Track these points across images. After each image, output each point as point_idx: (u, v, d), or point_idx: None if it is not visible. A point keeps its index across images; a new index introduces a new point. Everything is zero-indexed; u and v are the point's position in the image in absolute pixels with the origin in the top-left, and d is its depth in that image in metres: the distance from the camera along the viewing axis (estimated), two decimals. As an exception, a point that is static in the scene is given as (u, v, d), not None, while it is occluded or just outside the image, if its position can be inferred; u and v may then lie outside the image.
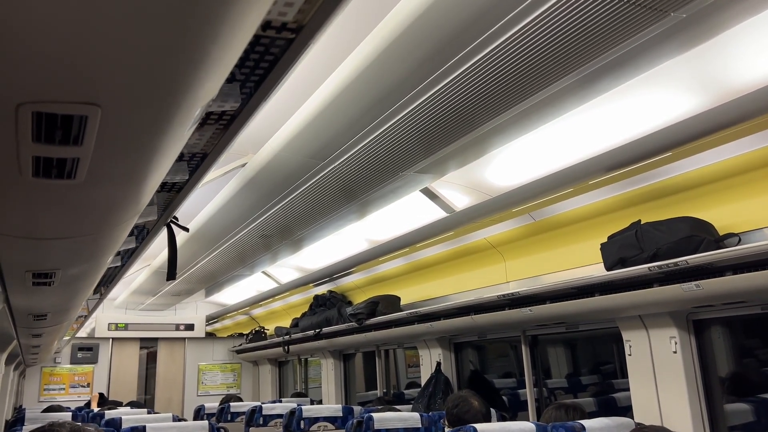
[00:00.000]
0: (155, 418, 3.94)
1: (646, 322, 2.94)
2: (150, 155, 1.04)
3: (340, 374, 6.50)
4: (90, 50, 0.69)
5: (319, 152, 2.58)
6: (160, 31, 0.67)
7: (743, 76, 2.01)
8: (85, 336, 8.29)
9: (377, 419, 3.36)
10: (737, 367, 3.01)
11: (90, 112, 0.83)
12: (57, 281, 2.14)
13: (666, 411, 2.84)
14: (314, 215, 3.48)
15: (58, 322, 3.81)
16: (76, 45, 0.67)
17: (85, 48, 0.68)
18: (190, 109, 0.90)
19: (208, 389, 8.65)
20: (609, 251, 2.83)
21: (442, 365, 4.58)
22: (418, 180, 2.93)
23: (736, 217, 2.58)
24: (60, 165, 1.01)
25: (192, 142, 1.40)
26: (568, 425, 2.50)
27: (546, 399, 3.94)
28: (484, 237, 3.90)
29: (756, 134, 2.33)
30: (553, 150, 2.68)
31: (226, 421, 5.29)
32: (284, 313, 7.45)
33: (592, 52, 1.76)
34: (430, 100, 2.03)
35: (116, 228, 1.57)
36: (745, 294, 2.42)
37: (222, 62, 0.80)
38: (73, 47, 0.68)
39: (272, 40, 1.01)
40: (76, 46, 0.67)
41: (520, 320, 3.45)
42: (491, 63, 1.79)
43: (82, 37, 0.66)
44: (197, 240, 4.15)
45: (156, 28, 0.68)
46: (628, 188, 2.93)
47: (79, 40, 0.66)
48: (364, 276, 5.42)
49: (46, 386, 8.03)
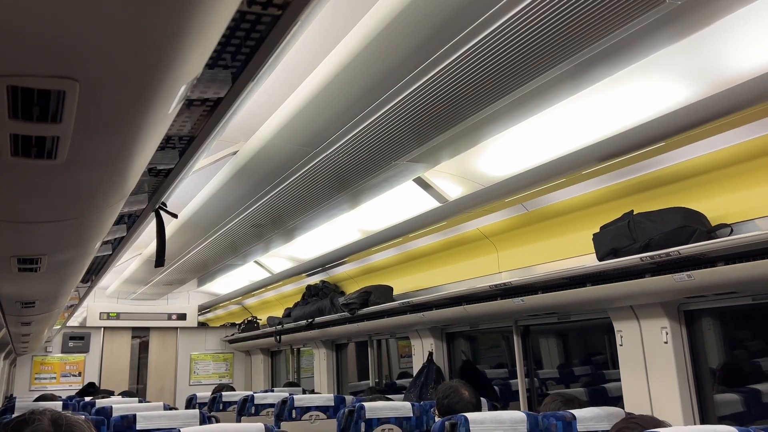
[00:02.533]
0: (146, 407, 3.92)
1: (638, 313, 2.94)
2: (133, 135, 1.02)
3: (333, 364, 6.51)
4: (66, 20, 0.66)
5: (311, 140, 2.56)
6: (138, 0, 0.65)
7: (737, 65, 1.99)
8: (77, 325, 8.27)
9: (369, 408, 3.36)
10: (727, 357, 3.02)
11: (67, 86, 0.80)
12: (44, 267, 2.12)
13: (656, 401, 2.85)
14: (306, 204, 3.46)
15: (48, 310, 3.78)
16: (51, 15, 0.65)
17: (60, 17, 0.66)
18: (173, 87, 0.88)
19: (200, 379, 8.64)
20: (601, 241, 2.83)
21: (434, 355, 4.59)
22: (411, 169, 2.92)
23: (728, 208, 2.58)
24: (39, 144, 0.99)
25: (178, 124, 1.38)
26: (558, 414, 2.50)
27: (537, 389, 3.95)
28: (476, 227, 3.89)
29: (749, 125, 2.32)
30: (546, 140, 2.67)
31: (218, 411, 5.28)
32: (277, 303, 7.44)
33: (586, 40, 1.75)
34: (423, 87, 2.01)
35: (103, 212, 1.54)
36: (736, 285, 2.43)
37: (205, 36, 0.78)
38: (48, 17, 0.66)
39: (258, 17, 0.99)
40: (51, 16, 0.65)
41: (511, 310, 3.45)
42: (484, 51, 1.78)
43: (57, 6, 0.64)
44: (189, 229, 4.13)
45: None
46: (620, 178, 2.92)
47: (54, 9, 0.64)
48: (357, 266, 5.41)
49: (37, 375, 8.01)
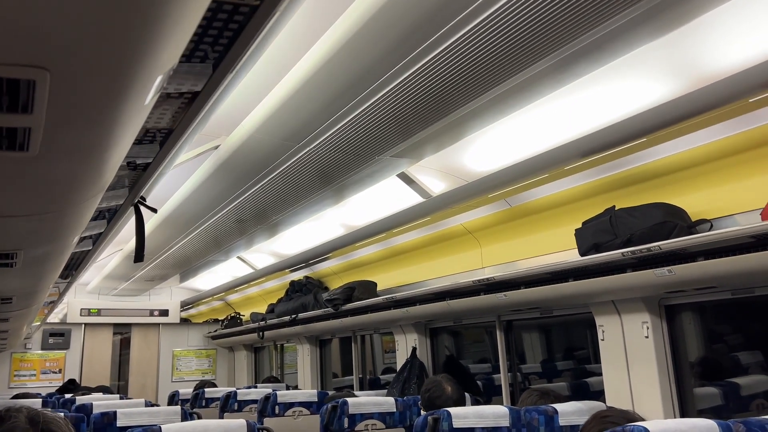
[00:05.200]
0: (127, 404, 3.88)
1: (619, 308, 2.96)
2: (109, 127, 0.99)
3: (316, 360, 6.49)
4: (34, 7, 0.64)
5: (294, 135, 2.55)
6: (109, -13, 0.64)
7: (717, 62, 2.01)
8: (57, 322, 8.16)
9: (352, 404, 3.35)
10: (707, 351, 3.06)
11: (38, 76, 0.78)
12: (20, 263, 2.08)
13: (637, 395, 2.87)
14: (290, 199, 3.44)
15: (26, 306, 3.72)
16: (19, 1, 0.63)
17: (28, 4, 0.64)
18: (148, 77, 0.86)
19: (183, 375, 8.57)
20: (583, 237, 2.85)
21: (418, 350, 4.59)
22: (394, 164, 2.92)
23: (708, 204, 2.60)
24: (10, 135, 0.97)
25: (156, 116, 1.36)
26: (540, 408, 2.51)
27: (520, 384, 3.98)
28: (460, 223, 3.90)
29: (728, 121, 2.35)
30: (529, 135, 2.67)
31: (200, 407, 5.23)
32: (260, 299, 7.41)
33: (567, 36, 1.76)
34: (406, 82, 2.01)
35: (79, 206, 1.51)
36: (715, 279, 2.45)
37: (181, 25, 0.76)
38: (16, 3, 0.63)
39: (236, 7, 0.97)
40: (19, 2, 0.63)
41: (494, 305, 3.46)
42: (466, 46, 1.78)
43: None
44: (170, 224, 4.09)
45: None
46: (602, 174, 2.94)
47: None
48: (341, 262, 5.40)
49: (17, 372, 7.88)
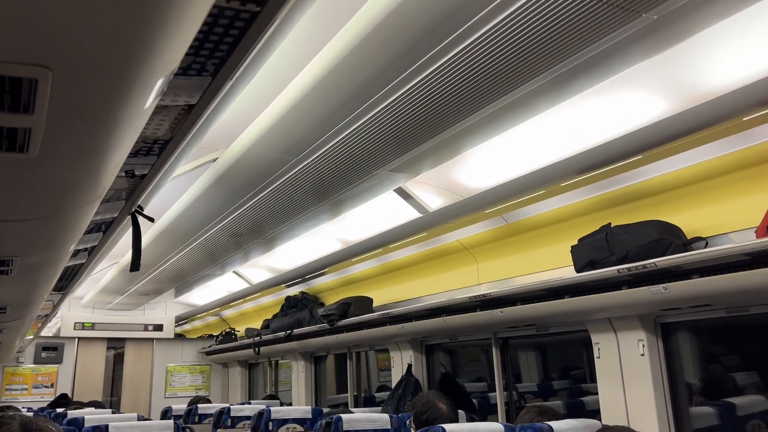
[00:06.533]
0: (119, 418, 3.84)
1: (615, 325, 2.96)
2: (108, 129, 1.00)
3: (311, 376, 6.44)
4: (38, 5, 0.65)
5: (292, 148, 2.55)
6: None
7: (712, 80, 2.04)
8: (51, 335, 8.09)
9: (346, 420, 3.32)
10: (703, 370, 3.04)
11: (40, 75, 0.79)
12: (15, 270, 2.07)
13: (633, 413, 2.86)
14: (286, 214, 3.44)
15: (19, 317, 3.70)
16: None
17: (32, 2, 0.65)
18: (149, 79, 0.87)
19: (176, 391, 8.48)
20: (579, 253, 2.85)
21: (413, 367, 4.56)
22: (391, 179, 2.92)
23: (704, 222, 2.61)
24: (11, 135, 0.97)
25: (154, 124, 1.37)
26: (536, 426, 2.49)
27: (516, 402, 3.95)
28: (456, 239, 3.90)
29: (723, 139, 2.36)
30: (526, 152, 2.69)
31: (193, 423, 5.18)
32: (255, 315, 7.36)
33: (564, 53, 1.78)
34: (403, 97, 2.02)
35: (76, 213, 1.51)
36: (710, 297, 2.45)
37: (184, 27, 0.77)
38: (20, 1, 0.64)
39: (237, 13, 0.99)
40: (23, 1, 0.64)
41: (490, 322, 3.45)
42: (463, 62, 1.79)
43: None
44: (167, 237, 4.08)
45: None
46: (599, 191, 2.96)
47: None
48: (337, 277, 5.38)
49: (8, 386, 7.80)
